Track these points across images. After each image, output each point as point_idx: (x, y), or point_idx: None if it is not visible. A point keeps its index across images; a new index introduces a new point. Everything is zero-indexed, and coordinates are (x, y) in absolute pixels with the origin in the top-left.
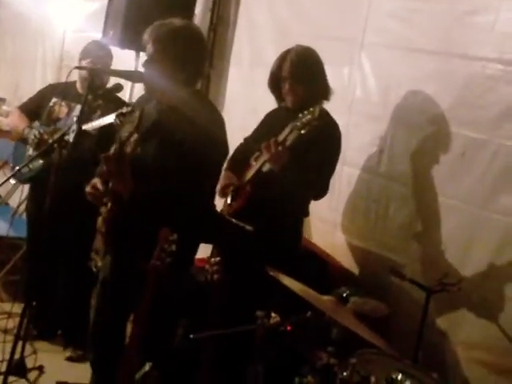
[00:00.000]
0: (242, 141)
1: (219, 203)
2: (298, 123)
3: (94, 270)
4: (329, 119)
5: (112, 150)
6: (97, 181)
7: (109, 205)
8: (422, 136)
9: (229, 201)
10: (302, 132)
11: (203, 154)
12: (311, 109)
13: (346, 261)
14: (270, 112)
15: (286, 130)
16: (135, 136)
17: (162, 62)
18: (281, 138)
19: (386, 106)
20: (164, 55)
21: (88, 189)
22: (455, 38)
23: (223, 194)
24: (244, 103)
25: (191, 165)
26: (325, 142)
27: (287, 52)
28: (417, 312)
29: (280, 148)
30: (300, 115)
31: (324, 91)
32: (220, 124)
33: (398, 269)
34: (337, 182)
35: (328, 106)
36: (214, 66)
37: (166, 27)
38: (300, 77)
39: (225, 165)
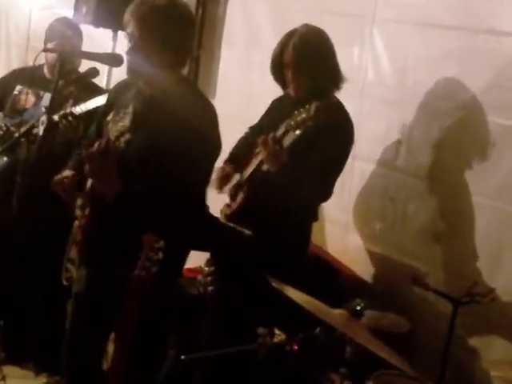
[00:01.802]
0: (237, 131)
1: (217, 203)
2: (292, 122)
3: (66, 283)
4: (332, 114)
5: (96, 145)
6: (69, 172)
7: (86, 209)
8: (445, 124)
9: (228, 201)
10: (297, 133)
11: (192, 149)
12: (307, 106)
13: (360, 268)
14: (276, 99)
15: (282, 128)
16: (127, 136)
17: (146, 44)
18: (278, 133)
19: (402, 89)
20: (147, 37)
21: (57, 178)
22: (480, 11)
23: (219, 187)
24: (239, 89)
25: (179, 162)
26: (328, 140)
27: (290, 35)
28: (442, 327)
29: (277, 147)
30: (296, 112)
31: (334, 79)
32: (211, 115)
33: (420, 277)
34: (348, 179)
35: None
36: (203, 47)
37: (148, 5)
38: (304, 65)
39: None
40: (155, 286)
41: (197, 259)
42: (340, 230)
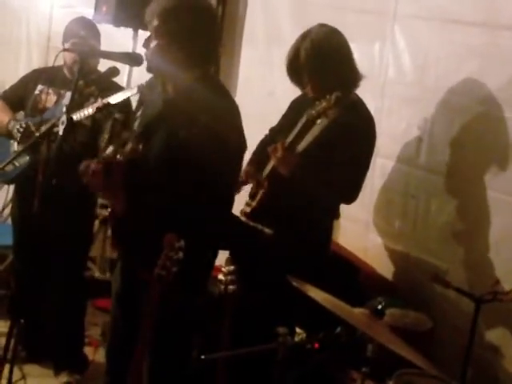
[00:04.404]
0: (258, 130)
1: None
2: (313, 111)
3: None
4: (352, 107)
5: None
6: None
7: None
8: (467, 121)
9: (248, 199)
10: (318, 122)
11: (212, 151)
12: (328, 96)
13: (381, 267)
14: (296, 98)
15: (301, 121)
16: (130, 145)
17: (167, 41)
18: (293, 133)
19: (423, 86)
20: (169, 33)
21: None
22: (502, 7)
23: (237, 190)
24: (260, 87)
25: (199, 164)
26: (350, 136)
27: (303, 38)
28: (464, 325)
29: (288, 154)
30: (317, 103)
31: (350, 79)
32: (232, 116)
33: (442, 275)
34: (369, 176)
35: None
36: (224, 44)
37: (170, 3)
38: (317, 68)
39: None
40: (177, 286)
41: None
42: (361, 228)
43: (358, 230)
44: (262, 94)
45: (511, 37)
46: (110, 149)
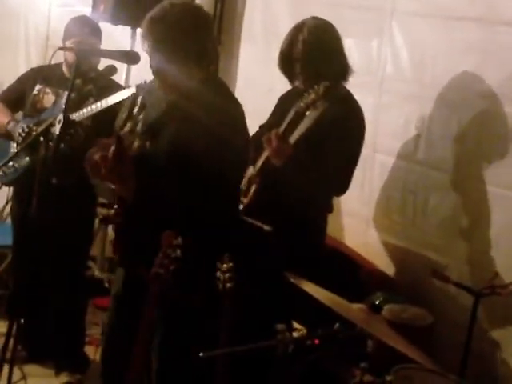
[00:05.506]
0: (257, 128)
1: None
2: (302, 104)
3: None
4: (342, 100)
5: (111, 148)
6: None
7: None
8: (465, 117)
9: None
10: (307, 113)
11: (214, 156)
12: (315, 86)
13: (381, 262)
14: (283, 95)
15: (290, 114)
16: (137, 143)
17: (167, 57)
18: (284, 125)
19: (421, 83)
20: (167, 52)
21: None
22: (500, 2)
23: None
24: (259, 84)
25: (200, 167)
26: (340, 129)
27: (298, 29)
28: (464, 319)
29: (282, 143)
30: (305, 94)
31: (341, 71)
32: (235, 119)
33: (441, 270)
34: (368, 172)
35: (355, 84)
36: (222, 42)
37: (163, 22)
38: (313, 60)
39: None
40: (176, 285)
41: None
42: (360, 224)
43: (358, 226)
44: (262, 91)
45: (509, 32)
46: (128, 126)
